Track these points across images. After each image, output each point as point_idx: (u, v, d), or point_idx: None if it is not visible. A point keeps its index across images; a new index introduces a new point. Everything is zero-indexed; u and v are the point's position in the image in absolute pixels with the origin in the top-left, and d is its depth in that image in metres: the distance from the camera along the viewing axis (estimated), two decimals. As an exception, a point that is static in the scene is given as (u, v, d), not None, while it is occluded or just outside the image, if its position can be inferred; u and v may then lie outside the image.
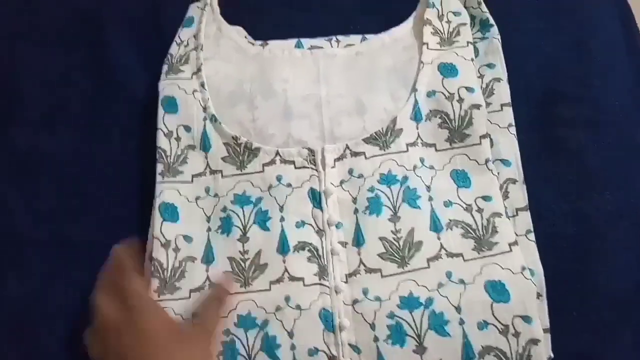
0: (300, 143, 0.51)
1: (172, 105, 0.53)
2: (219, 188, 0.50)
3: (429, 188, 0.49)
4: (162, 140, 0.51)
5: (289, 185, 0.50)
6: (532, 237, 0.48)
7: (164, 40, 0.56)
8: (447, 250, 0.47)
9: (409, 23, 0.56)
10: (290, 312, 0.46)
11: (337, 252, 0.47)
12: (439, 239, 0.47)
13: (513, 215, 0.49)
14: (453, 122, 0.51)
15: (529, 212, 0.49)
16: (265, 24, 0.59)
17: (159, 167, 0.51)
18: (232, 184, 0.50)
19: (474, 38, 0.55)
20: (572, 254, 0.49)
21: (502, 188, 0.49)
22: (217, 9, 0.58)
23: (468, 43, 0.54)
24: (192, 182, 0.51)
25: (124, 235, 0.46)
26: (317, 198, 0.49)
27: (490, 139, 0.50)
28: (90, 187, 0.54)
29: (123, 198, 0.53)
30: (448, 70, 0.52)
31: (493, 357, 0.43)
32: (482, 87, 0.53)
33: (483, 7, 0.56)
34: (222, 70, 0.55)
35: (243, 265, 0.47)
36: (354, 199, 0.49)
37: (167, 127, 0.52)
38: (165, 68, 0.55)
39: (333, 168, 0.50)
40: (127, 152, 0.54)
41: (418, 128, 0.51)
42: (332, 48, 0.56)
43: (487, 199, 0.48)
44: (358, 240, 0.47)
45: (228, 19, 0.58)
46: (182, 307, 0.46)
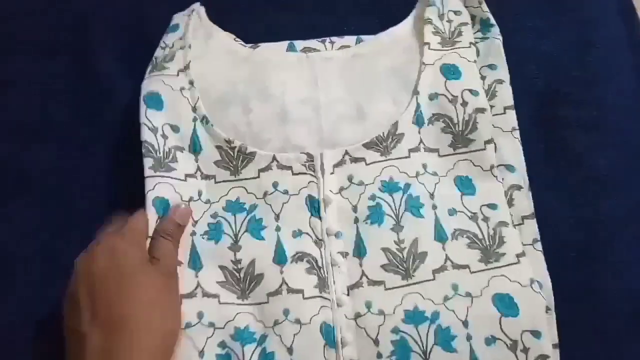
0: (298, 148, 0.49)
1: (156, 102, 0.50)
2: (212, 194, 0.49)
3: (433, 195, 0.47)
4: (147, 134, 0.48)
5: (286, 192, 0.48)
6: (539, 246, 0.47)
7: (151, 49, 0.54)
8: (452, 262, 0.45)
9: (409, 22, 0.55)
10: (289, 326, 0.44)
11: (337, 263, 0.46)
12: (444, 250, 0.45)
13: (519, 224, 0.47)
14: (457, 126, 0.49)
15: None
16: (257, 26, 0.57)
17: (148, 161, 0.48)
18: (225, 190, 0.49)
19: (475, 38, 0.53)
20: (579, 263, 0.48)
21: (506, 195, 0.48)
22: (204, 16, 0.55)
23: (470, 44, 0.52)
24: (185, 180, 0.49)
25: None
26: (315, 206, 0.47)
27: (494, 144, 0.49)
28: (75, 199, 0.52)
29: (110, 210, 0.50)
30: (451, 72, 0.50)
31: None
32: (484, 89, 0.51)
33: (484, 6, 0.54)
34: (212, 71, 0.52)
35: (238, 276, 0.46)
36: (354, 207, 0.47)
37: (151, 122, 0.49)
38: (150, 68, 0.52)
39: (332, 174, 0.48)
40: (113, 163, 0.52)
41: (420, 133, 0.49)
42: (326, 50, 0.54)
43: (492, 207, 0.47)
44: (359, 251, 0.46)
45: (218, 22, 0.55)
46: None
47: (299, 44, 0.54)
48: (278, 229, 0.47)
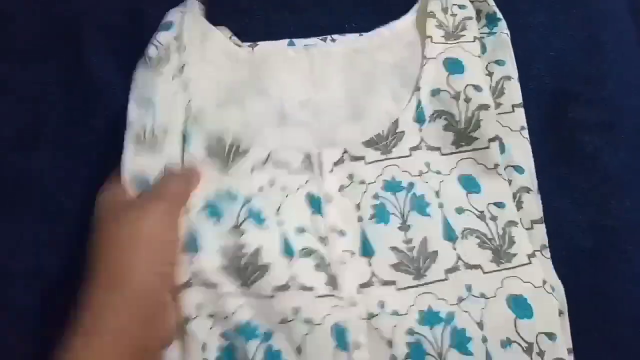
0: (296, 147, 0.47)
1: (147, 104, 0.46)
2: (201, 187, 0.45)
3: (438, 194, 0.46)
4: (133, 115, 0.45)
5: (284, 190, 0.45)
6: (547, 253, 0.45)
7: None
8: (464, 262, 0.43)
9: (411, 16, 0.53)
10: (299, 326, 0.41)
11: (344, 261, 0.43)
12: (455, 249, 0.44)
13: (528, 228, 0.45)
14: (459, 123, 0.47)
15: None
16: (257, 25, 0.55)
17: (130, 136, 0.45)
18: (213, 186, 0.45)
19: (481, 33, 0.51)
20: (591, 269, 0.46)
21: (515, 197, 0.46)
22: (198, 12, 0.53)
23: (475, 38, 0.50)
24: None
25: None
26: (316, 204, 0.45)
27: (502, 144, 0.47)
28: (69, 205, 0.50)
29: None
30: (454, 67, 0.48)
31: None
32: (491, 86, 0.49)
33: (490, 0, 0.52)
34: (209, 74, 0.50)
35: (239, 264, 0.42)
36: (357, 206, 0.45)
37: (138, 119, 0.46)
38: (142, 66, 0.48)
39: (331, 173, 0.46)
40: (108, 169, 0.49)
41: (421, 131, 0.47)
42: (327, 47, 0.52)
43: (500, 206, 0.45)
44: (366, 250, 0.44)
45: (216, 21, 0.53)
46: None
47: (300, 42, 0.53)
48: (280, 223, 0.44)
